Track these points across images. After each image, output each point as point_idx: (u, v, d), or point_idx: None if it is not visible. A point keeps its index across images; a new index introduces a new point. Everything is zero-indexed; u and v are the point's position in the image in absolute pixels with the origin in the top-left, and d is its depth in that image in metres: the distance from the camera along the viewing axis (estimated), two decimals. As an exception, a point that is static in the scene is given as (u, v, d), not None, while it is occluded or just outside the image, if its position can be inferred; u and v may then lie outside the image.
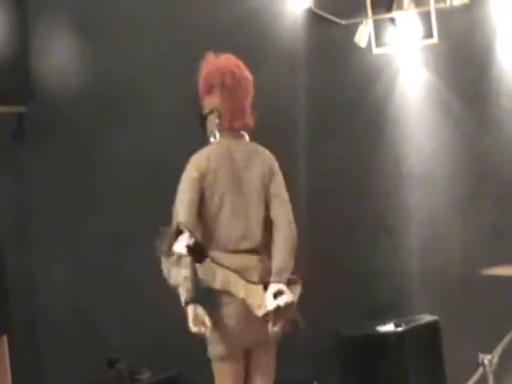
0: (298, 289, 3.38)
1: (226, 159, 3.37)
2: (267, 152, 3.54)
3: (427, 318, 4.63)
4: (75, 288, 3.89)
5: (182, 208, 3.29)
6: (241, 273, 3.26)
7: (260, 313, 3.23)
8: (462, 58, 4.85)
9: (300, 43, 4.69)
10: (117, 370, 3.86)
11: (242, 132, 3.51)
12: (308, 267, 4.53)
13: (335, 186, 4.72)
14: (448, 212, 4.96)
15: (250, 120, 3.51)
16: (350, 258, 4.74)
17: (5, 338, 3.47)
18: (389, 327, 4.49)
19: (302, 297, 4.46)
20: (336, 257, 4.70)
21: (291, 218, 3.44)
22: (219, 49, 4.39)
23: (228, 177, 3.34)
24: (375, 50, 4.84)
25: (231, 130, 3.46)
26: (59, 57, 4.01)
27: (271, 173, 3.47)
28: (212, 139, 3.44)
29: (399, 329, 4.46)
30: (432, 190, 4.96)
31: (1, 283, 3.52)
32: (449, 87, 4.87)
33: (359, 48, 4.78)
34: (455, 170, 4.98)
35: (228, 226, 3.31)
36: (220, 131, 3.43)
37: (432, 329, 4.57)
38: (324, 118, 4.76)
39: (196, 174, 3.33)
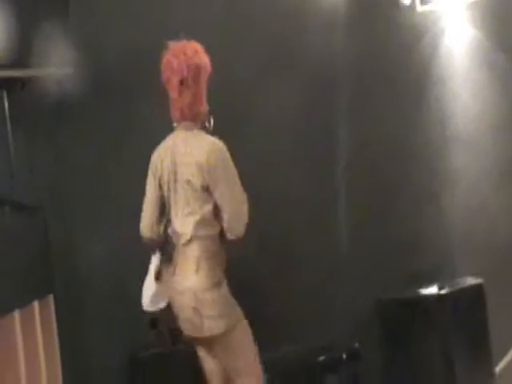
0: None
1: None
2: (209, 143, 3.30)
3: (471, 281, 4.56)
4: (114, 256, 3.90)
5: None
6: None
7: None
8: (509, 15, 4.71)
9: (342, 2, 4.59)
10: (159, 330, 3.87)
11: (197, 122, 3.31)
12: (350, 232, 4.53)
13: (377, 149, 4.64)
14: (493, 175, 4.88)
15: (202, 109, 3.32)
16: (393, 223, 4.67)
17: (51, 299, 3.53)
18: (431, 290, 4.43)
19: (346, 260, 4.47)
20: (378, 222, 4.64)
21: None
22: (260, 12, 4.36)
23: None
24: (420, 8, 4.73)
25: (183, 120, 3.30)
26: (99, 24, 3.97)
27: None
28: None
29: (442, 291, 4.38)
30: (477, 152, 4.87)
31: (45, 246, 3.58)
32: (496, 45, 4.76)
33: (403, 6, 4.67)
34: (501, 131, 4.88)
35: None
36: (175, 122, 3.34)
37: (476, 292, 4.49)
38: (366, 78, 4.65)
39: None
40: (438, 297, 4.37)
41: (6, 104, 3.58)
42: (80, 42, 3.60)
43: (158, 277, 3.30)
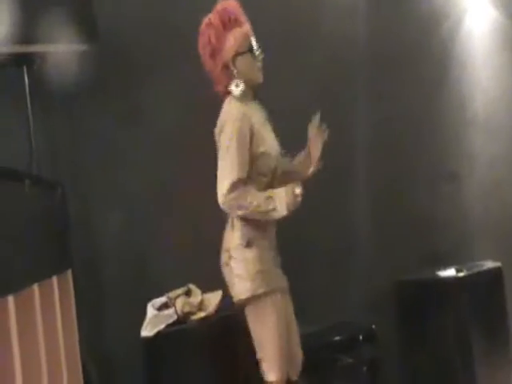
0: None
1: None
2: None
3: (490, 264, 4.53)
4: (133, 229, 3.92)
5: None
6: None
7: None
8: (531, -4, 4.67)
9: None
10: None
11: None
12: (368, 212, 4.51)
13: (396, 130, 4.62)
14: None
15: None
16: (412, 204, 4.67)
17: (69, 273, 3.54)
18: (449, 272, 4.41)
19: (364, 241, 4.45)
20: (397, 202, 4.63)
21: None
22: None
23: None
24: (441, -11, 4.70)
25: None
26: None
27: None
28: None
29: (460, 274, 4.36)
30: (495, 135, 4.84)
31: (64, 220, 3.59)
32: (517, 27, 4.72)
33: (424, -13, 4.66)
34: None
35: None
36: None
37: (495, 275, 4.48)
38: (387, 60, 4.64)
39: None
40: (455, 279, 4.35)
41: (26, 80, 3.58)
42: (99, 18, 3.59)
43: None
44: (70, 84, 3.71)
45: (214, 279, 4.16)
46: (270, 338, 3.24)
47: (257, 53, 3.30)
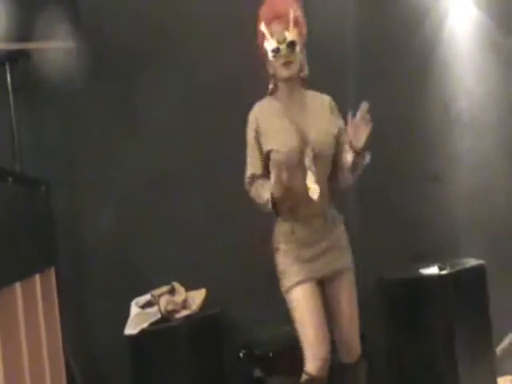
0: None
1: None
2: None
3: (473, 262, 4.55)
4: (119, 227, 3.92)
5: None
6: None
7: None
8: (514, -4, 4.69)
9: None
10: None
11: None
12: (354, 212, 4.52)
13: (381, 130, 4.61)
14: (496, 158, 4.86)
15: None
16: (396, 203, 4.67)
17: (52, 271, 3.53)
18: (433, 270, 4.42)
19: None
20: (382, 201, 4.64)
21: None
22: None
23: None
24: (424, -12, 4.71)
25: None
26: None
27: None
28: None
29: (443, 272, 4.37)
30: (481, 135, 4.85)
31: (48, 219, 3.58)
32: (500, 27, 4.74)
33: (407, -14, 4.66)
34: (505, 114, 4.86)
35: None
36: None
37: (478, 273, 4.47)
38: (370, 59, 4.64)
39: None
40: (439, 277, 4.36)
41: (8, 77, 3.58)
42: (84, 16, 3.59)
43: None
44: (54, 80, 3.72)
45: (197, 277, 4.18)
46: (300, 331, 3.37)
47: (281, 51, 3.36)
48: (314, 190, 3.34)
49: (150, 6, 4.09)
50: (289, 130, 3.39)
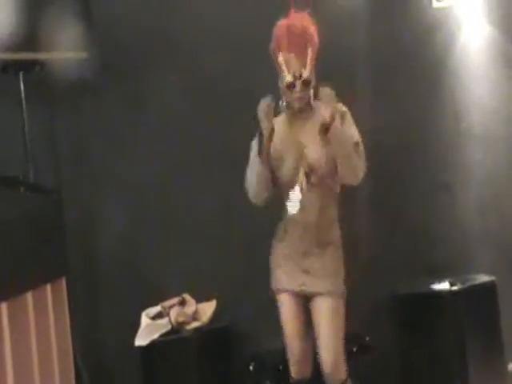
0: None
1: None
2: None
3: (484, 278, 4.53)
4: (130, 237, 3.93)
5: None
6: None
7: None
8: (525, 10, 4.70)
9: (359, -4, 4.60)
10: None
11: None
12: (364, 225, 4.51)
13: (392, 141, 4.63)
14: (507, 171, 4.85)
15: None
16: (407, 216, 4.67)
17: (63, 281, 3.53)
18: (444, 286, 4.41)
19: (359, 254, 4.47)
20: (392, 215, 4.63)
21: None
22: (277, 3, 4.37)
23: None
24: (435, 3, 4.73)
25: None
26: (115, 8, 4.02)
27: None
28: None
29: (454, 288, 4.36)
30: (491, 147, 4.85)
31: (59, 228, 3.57)
32: (511, 41, 4.73)
33: (419, 1, 4.67)
34: (515, 126, 4.87)
35: None
36: None
37: (488, 289, 4.46)
38: (382, 72, 4.66)
39: None
40: (450, 292, 4.34)
41: (22, 86, 3.59)
42: (96, 24, 3.62)
43: None
44: (67, 90, 3.74)
45: (208, 289, 4.17)
46: (285, 334, 3.48)
47: (296, 87, 3.42)
48: (293, 206, 3.43)
49: (159, 15, 4.13)
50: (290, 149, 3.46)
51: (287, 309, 3.46)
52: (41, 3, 3.52)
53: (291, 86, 3.41)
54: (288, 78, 3.40)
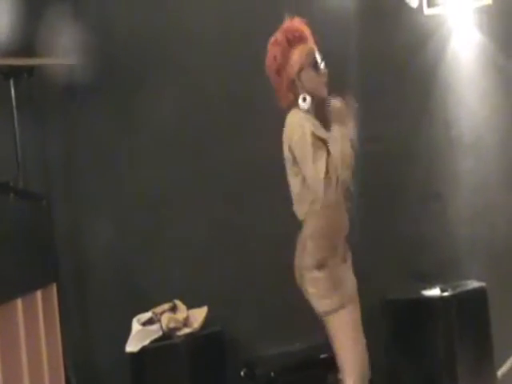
0: None
1: None
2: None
3: (474, 284, 4.55)
4: (120, 243, 3.93)
5: None
6: None
7: None
8: (516, 19, 4.72)
9: (350, 2, 4.60)
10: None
11: None
12: (356, 232, 4.52)
13: (383, 149, 4.64)
14: (498, 179, 4.87)
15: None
16: (398, 223, 4.68)
17: (54, 287, 3.53)
18: (434, 292, 4.43)
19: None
20: (384, 221, 4.64)
21: None
22: (266, 13, 4.39)
23: None
24: (427, 11, 4.74)
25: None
26: (106, 12, 4.03)
27: None
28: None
29: (445, 293, 4.38)
30: (482, 156, 4.86)
31: (49, 234, 3.57)
32: (502, 50, 4.75)
33: (410, 8, 4.68)
34: (506, 136, 4.87)
35: None
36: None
37: (479, 295, 4.48)
38: (373, 80, 4.67)
39: None
40: (441, 298, 4.36)
41: (13, 92, 3.60)
42: (87, 31, 3.63)
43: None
44: (58, 96, 3.74)
45: (199, 295, 4.17)
46: (349, 347, 3.41)
47: (321, 67, 3.41)
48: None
49: (151, 20, 4.14)
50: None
51: (356, 318, 3.44)
52: (32, 9, 3.52)
53: (318, 67, 3.37)
54: (312, 58, 3.36)
